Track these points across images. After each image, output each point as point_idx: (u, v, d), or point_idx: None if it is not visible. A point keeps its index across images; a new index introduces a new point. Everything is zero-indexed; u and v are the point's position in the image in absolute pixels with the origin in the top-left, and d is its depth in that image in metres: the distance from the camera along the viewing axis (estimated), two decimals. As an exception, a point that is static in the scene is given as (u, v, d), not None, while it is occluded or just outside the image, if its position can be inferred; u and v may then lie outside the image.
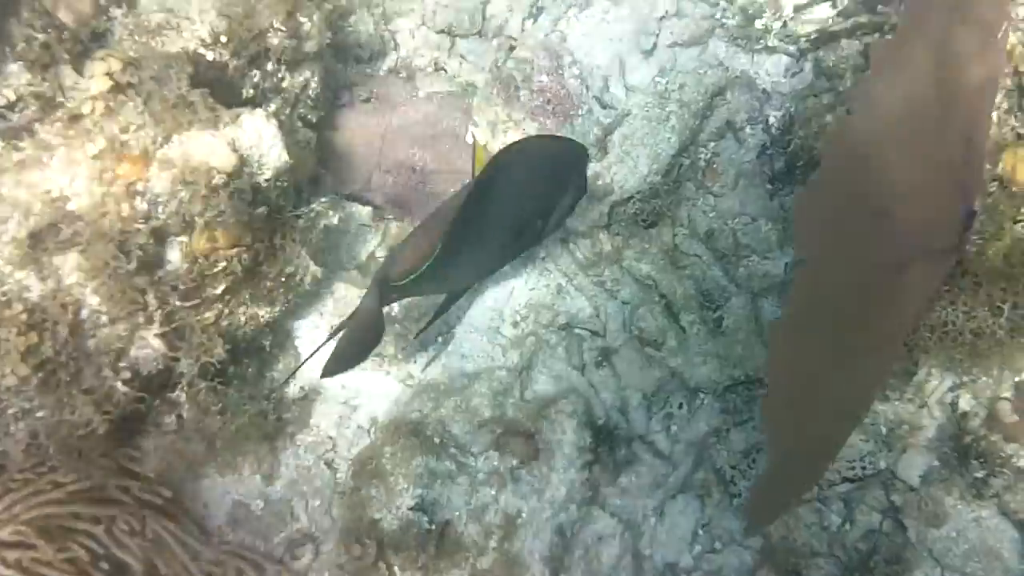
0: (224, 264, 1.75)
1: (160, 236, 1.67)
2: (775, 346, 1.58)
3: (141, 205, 1.62)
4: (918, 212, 1.63)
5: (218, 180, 1.63)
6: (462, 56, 2.36)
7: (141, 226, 1.62)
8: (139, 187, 1.62)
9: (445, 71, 2.34)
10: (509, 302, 2.26)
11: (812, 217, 1.57)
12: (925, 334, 1.78)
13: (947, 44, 1.62)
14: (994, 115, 1.92)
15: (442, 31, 2.34)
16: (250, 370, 2.05)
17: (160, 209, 1.64)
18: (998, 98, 1.93)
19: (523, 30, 2.36)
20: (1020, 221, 1.91)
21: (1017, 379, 2.01)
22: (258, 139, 1.70)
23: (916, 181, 1.63)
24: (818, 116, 2.10)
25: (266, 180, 1.73)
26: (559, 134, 2.14)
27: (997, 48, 1.66)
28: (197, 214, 1.64)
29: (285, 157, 1.74)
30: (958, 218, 1.66)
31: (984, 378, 1.95)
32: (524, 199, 1.83)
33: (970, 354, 1.82)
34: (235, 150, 1.65)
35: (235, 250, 1.75)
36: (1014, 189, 1.96)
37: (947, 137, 1.65)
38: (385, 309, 2.21)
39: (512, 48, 2.32)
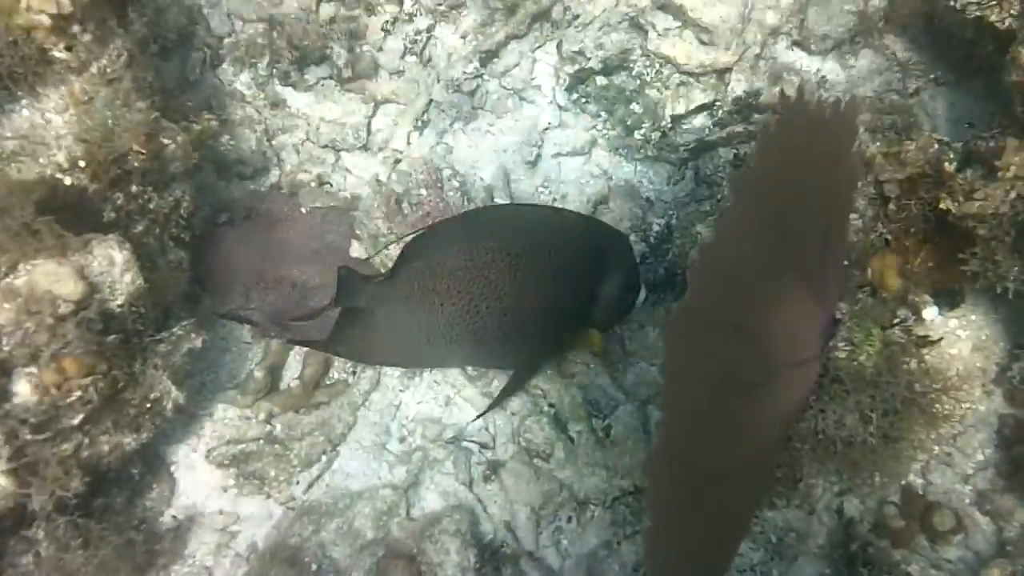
0: (79, 394, 1.69)
1: (6, 368, 1.61)
2: (653, 476, 1.54)
3: (-17, 338, 1.58)
4: (779, 325, 1.63)
5: (64, 309, 1.59)
6: (347, 170, 2.36)
7: (-17, 360, 1.57)
8: (-19, 319, 1.57)
9: (330, 185, 2.33)
10: (396, 416, 2.21)
11: (680, 343, 1.56)
12: (797, 444, 1.76)
13: (804, 159, 1.65)
14: (860, 222, 1.96)
15: (326, 146, 2.35)
16: (119, 500, 1.97)
17: (4, 341, 1.59)
18: (862, 205, 1.98)
19: (409, 143, 2.37)
20: (894, 326, 1.94)
21: (903, 482, 2.01)
22: (109, 265, 1.67)
23: (776, 294, 1.63)
24: (695, 224, 2.13)
25: (119, 306, 1.69)
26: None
27: (852, 158, 1.69)
28: (43, 344, 1.59)
29: (139, 281, 1.70)
30: (819, 327, 1.67)
31: (867, 485, 1.93)
32: (556, 265, 1.89)
33: (844, 462, 1.80)
34: (83, 277, 1.62)
35: (90, 379, 1.68)
36: (884, 295, 1.99)
37: (805, 247, 1.66)
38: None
39: (398, 161, 2.34)
